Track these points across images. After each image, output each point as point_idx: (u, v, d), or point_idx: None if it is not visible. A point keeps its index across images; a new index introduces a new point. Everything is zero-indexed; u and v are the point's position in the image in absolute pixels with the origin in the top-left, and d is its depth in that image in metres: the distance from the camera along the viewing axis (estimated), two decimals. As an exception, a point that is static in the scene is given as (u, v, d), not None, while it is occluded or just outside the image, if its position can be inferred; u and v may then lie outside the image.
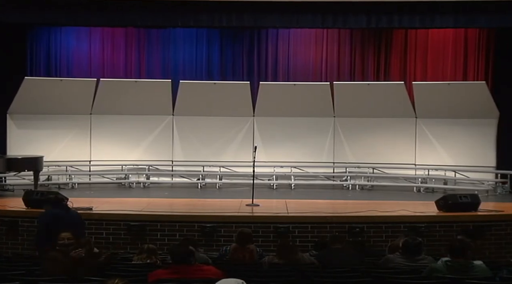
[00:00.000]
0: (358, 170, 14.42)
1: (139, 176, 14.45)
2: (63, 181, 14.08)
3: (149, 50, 15.43)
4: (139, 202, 10.47)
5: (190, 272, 4.91)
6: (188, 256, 5.03)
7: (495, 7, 12.11)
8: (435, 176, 14.14)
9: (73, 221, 7.16)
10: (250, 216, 9.10)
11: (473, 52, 14.64)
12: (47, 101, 14.03)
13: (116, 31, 15.28)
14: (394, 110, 14.32)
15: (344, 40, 15.29)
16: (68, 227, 6.25)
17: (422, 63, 14.97)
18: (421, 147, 14.42)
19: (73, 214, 7.43)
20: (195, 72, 15.39)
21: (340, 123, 14.66)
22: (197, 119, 14.65)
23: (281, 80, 15.17)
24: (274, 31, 15.25)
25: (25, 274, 5.15)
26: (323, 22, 12.80)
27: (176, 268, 4.94)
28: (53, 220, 7.03)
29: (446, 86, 14.00)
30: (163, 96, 14.45)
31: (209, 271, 4.96)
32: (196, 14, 12.65)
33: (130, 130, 14.53)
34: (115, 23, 13.49)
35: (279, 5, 12.44)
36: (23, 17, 12.57)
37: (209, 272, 4.95)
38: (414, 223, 8.79)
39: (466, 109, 13.91)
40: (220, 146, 14.72)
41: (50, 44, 15.16)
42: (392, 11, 12.51)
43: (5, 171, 12.24)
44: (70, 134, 14.44)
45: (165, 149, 14.74)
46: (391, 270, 5.64)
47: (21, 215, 9.02)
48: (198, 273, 4.93)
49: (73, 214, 7.43)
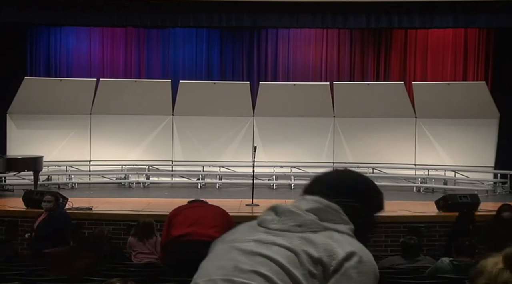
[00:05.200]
0: (358, 170, 14.39)
1: (139, 176, 14.44)
2: (63, 181, 14.07)
3: (149, 50, 15.42)
4: (139, 202, 10.48)
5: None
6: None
7: (495, 7, 12.11)
8: (435, 176, 14.13)
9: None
10: (250, 216, 9.10)
11: (473, 52, 14.63)
12: (47, 101, 14.02)
13: (116, 31, 15.27)
14: (394, 110, 14.32)
15: (344, 40, 15.29)
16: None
17: (422, 63, 14.97)
18: (421, 147, 14.42)
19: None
20: (195, 72, 15.39)
21: (339, 123, 14.65)
22: (197, 119, 14.64)
23: (281, 80, 15.17)
24: (274, 31, 15.25)
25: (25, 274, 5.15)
26: (323, 22, 12.81)
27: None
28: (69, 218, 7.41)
29: (446, 86, 13.99)
30: (163, 96, 14.44)
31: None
32: (196, 14, 12.65)
33: (130, 130, 14.52)
34: (115, 23, 13.49)
35: (279, 5, 12.44)
36: (23, 17, 12.57)
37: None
38: (414, 223, 8.79)
39: (466, 109, 13.91)
40: (220, 146, 14.71)
41: (50, 44, 15.15)
42: (392, 11, 12.52)
43: (5, 171, 12.23)
44: (70, 134, 14.43)
45: (165, 149, 14.73)
46: (391, 270, 5.64)
47: (21, 215, 9.03)
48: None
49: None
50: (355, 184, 1.89)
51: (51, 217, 7.54)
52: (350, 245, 1.71)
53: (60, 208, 8.08)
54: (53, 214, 7.56)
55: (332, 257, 1.68)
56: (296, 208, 1.79)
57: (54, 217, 7.55)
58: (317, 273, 1.67)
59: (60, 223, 7.53)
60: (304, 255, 1.68)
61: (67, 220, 7.81)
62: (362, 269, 1.68)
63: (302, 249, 1.69)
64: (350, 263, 1.67)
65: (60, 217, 7.71)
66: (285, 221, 1.76)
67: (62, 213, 7.99)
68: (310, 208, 1.78)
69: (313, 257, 1.68)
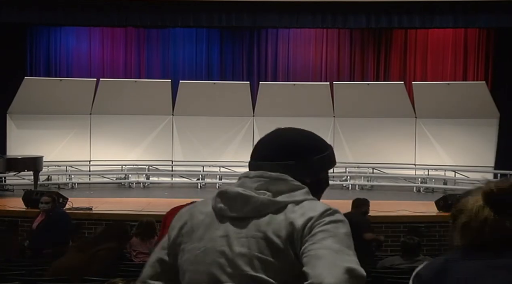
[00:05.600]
0: (358, 170, 14.42)
1: (139, 176, 14.44)
2: (63, 181, 14.07)
3: (149, 50, 15.43)
4: (139, 202, 10.48)
5: None
6: None
7: (495, 7, 12.11)
8: (435, 176, 14.13)
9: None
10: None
11: (473, 52, 14.64)
12: (47, 101, 14.02)
13: (116, 31, 15.28)
14: (394, 110, 14.31)
15: (343, 40, 15.30)
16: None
17: (422, 63, 14.97)
18: (421, 147, 14.42)
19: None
20: (195, 72, 15.40)
21: (339, 123, 14.65)
22: (197, 119, 14.64)
23: (281, 80, 15.18)
24: (274, 31, 15.25)
25: (25, 274, 5.15)
26: (323, 22, 12.82)
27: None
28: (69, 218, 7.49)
29: (446, 86, 13.99)
30: (163, 96, 14.44)
31: None
32: (196, 14, 12.65)
33: (130, 130, 14.51)
34: (115, 23, 13.50)
35: (279, 5, 12.45)
36: (23, 17, 12.58)
37: None
38: (414, 223, 8.79)
39: (466, 109, 13.91)
40: (220, 146, 14.71)
41: (50, 44, 15.16)
42: (392, 11, 12.52)
43: (5, 171, 12.24)
44: (70, 134, 14.43)
45: (165, 149, 14.73)
46: (391, 270, 5.64)
47: (21, 215, 9.03)
48: None
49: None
50: (300, 143, 1.82)
51: (50, 218, 7.51)
52: (312, 211, 1.65)
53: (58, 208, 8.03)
54: (52, 215, 7.53)
55: (301, 228, 1.63)
56: (246, 190, 1.72)
57: (54, 218, 7.51)
58: (294, 247, 1.63)
59: (60, 224, 7.50)
60: (275, 238, 1.64)
61: (67, 220, 7.78)
62: (333, 226, 1.63)
63: (271, 233, 1.65)
64: (321, 225, 1.63)
65: (60, 217, 7.67)
66: (242, 206, 1.70)
67: (61, 213, 7.96)
68: (259, 186, 1.73)
69: (283, 237, 1.64)
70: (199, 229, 1.76)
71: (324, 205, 1.69)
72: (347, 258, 1.56)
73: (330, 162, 1.87)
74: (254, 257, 1.65)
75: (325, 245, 1.59)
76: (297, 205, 1.69)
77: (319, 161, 1.82)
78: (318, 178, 1.83)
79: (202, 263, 1.72)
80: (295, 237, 1.64)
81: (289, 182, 1.74)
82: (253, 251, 1.66)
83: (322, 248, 1.58)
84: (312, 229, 1.63)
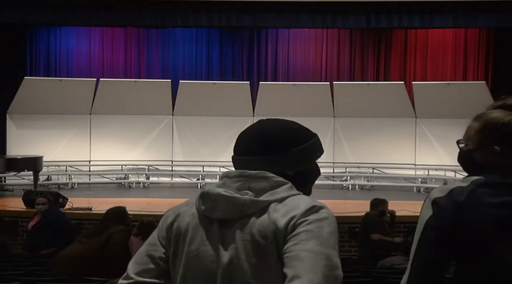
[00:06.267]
0: (358, 170, 14.42)
1: (138, 176, 14.44)
2: (62, 181, 14.06)
3: (149, 50, 15.43)
4: (139, 202, 10.47)
5: None
6: None
7: (495, 7, 12.11)
8: (435, 176, 14.13)
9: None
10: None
11: (473, 52, 14.65)
12: (47, 101, 14.01)
13: (115, 31, 15.28)
14: (394, 110, 14.31)
15: (343, 40, 15.30)
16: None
17: (422, 63, 14.98)
18: (421, 147, 14.42)
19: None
20: (195, 72, 15.40)
21: (339, 123, 14.65)
22: (197, 119, 14.64)
23: (281, 80, 15.18)
24: (274, 31, 15.26)
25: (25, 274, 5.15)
26: (322, 22, 12.82)
27: None
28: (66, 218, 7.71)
29: (446, 86, 13.99)
30: (163, 96, 14.44)
31: None
32: (196, 14, 12.65)
33: (130, 130, 14.51)
34: (114, 23, 13.50)
35: (279, 5, 12.45)
36: (23, 17, 12.57)
37: None
38: (414, 223, 8.78)
39: (466, 109, 13.72)
40: (220, 146, 14.68)
41: (50, 44, 15.17)
42: (392, 11, 12.52)
43: (5, 171, 12.23)
44: (70, 134, 14.42)
45: (165, 149, 14.73)
46: (391, 270, 5.64)
47: (21, 215, 9.02)
48: None
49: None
50: (279, 135, 1.77)
51: (45, 219, 7.48)
52: (295, 209, 1.63)
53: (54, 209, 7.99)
54: (48, 216, 7.49)
55: (283, 228, 1.62)
56: (228, 191, 1.69)
57: (49, 219, 7.48)
58: (278, 248, 1.62)
59: (56, 225, 7.45)
60: (261, 240, 1.63)
61: (63, 221, 7.70)
62: (319, 225, 1.62)
63: (258, 235, 1.64)
64: (304, 224, 1.61)
65: (56, 219, 7.60)
66: (225, 208, 1.68)
67: (57, 214, 7.90)
68: (239, 186, 1.70)
69: (268, 238, 1.63)
70: (188, 231, 1.74)
71: (309, 202, 1.66)
72: (325, 264, 1.56)
73: (313, 152, 1.82)
74: (244, 261, 1.64)
75: (307, 247, 1.58)
76: (280, 203, 1.66)
77: (300, 152, 1.77)
78: (302, 170, 1.79)
79: (195, 268, 1.71)
80: (278, 236, 1.62)
81: (270, 179, 1.70)
82: (242, 255, 1.65)
83: (304, 250, 1.57)
84: (295, 228, 1.61)
